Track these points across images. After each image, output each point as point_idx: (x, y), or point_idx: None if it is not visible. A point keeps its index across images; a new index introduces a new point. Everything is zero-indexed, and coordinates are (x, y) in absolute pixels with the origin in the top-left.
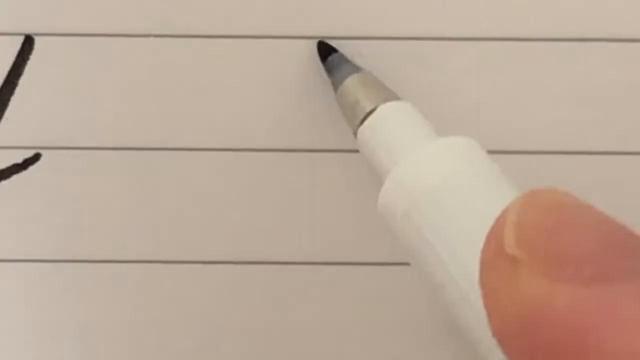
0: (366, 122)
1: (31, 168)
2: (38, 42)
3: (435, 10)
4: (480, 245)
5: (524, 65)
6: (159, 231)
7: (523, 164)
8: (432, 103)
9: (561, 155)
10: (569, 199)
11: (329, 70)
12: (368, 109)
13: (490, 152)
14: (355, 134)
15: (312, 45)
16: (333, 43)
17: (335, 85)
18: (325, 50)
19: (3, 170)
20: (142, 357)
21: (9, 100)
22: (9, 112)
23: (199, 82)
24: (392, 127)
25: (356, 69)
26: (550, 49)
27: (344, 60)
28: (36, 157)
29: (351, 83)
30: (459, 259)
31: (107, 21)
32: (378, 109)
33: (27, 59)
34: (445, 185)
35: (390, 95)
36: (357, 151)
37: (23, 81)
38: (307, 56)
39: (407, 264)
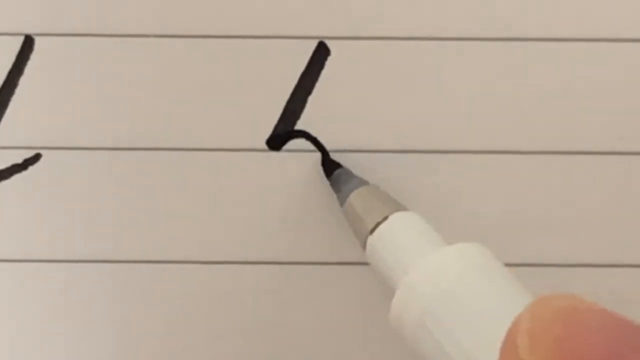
0: (375, 233)
1: (31, 168)
2: (38, 42)
3: (435, 11)
4: (494, 349)
5: (524, 65)
6: (159, 231)
7: (523, 164)
8: (432, 103)
9: (561, 155)
10: (579, 304)
11: (335, 185)
12: (376, 220)
13: (490, 152)
14: (364, 246)
15: (312, 46)
16: (333, 43)
17: (342, 199)
18: (330, 166)
19: (3, 170)
20: (142, 357)
21: (9, 100)
22: (9, 112)
23: (199, 82)
24: (401, 236)
25: (362, 182)
26: (550, 49)
27: (349, 174)
28: (36, 157)
29: (358, 196)
30: None
31: (107, 21)
32: (387, 220)
33: (27, 59)
34: (458, 291)
35: (397, 206)
36: (362, 151)
37: (23, 81)
38: (307, 56)
39: None
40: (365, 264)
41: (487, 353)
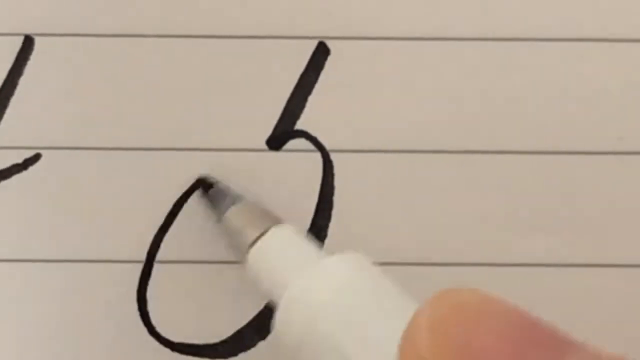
0: (256, 246)
1: (31, 168)
2: (38, 42)
3: (435, 10)
4: (382, 355)
5: (524, 65)
6: (159, 231)
7: (523, 164)
8: (432, 103)
9: (561, 155)
10: (480, 298)
11: (211, 203)
12: (257, 233)
13: (490, 152)
14: (242, 261)
15: (312, 46)
16: (333, 43)
17: (219, 216)
18: (205, 185)
19: (3, 170)
20: (142, 356)
21: (9, 100)
22: (9, 112)
23: (199, 82)
24: (281, 248)
25: (238, 197)
26: (550, 49)
27: (225, 191)
28: (36, 157)
29: (236, 211)
30: None
31: (107, 21)
32: (267, 232)
33: (27, 59)
34: (338, 299)
35: (274, 220)
36: (362, 151)
37: (23, 81)
38: (307, 56)
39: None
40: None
41: (374, 356)
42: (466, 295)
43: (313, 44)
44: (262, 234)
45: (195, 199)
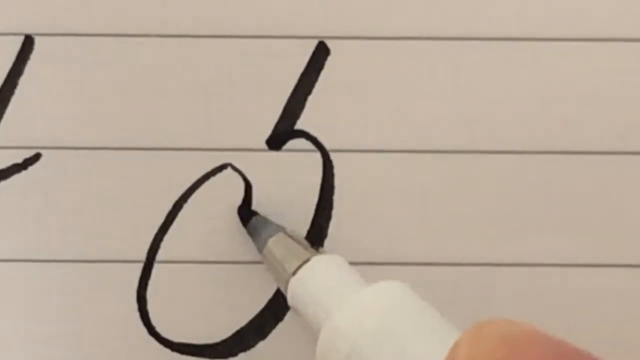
0: (296, 277)
1: (31, 168)
2: (38, 42)
3: (435, 10)
4: None
5: (524, 65)
6: (159, 231)
7: (523, 164)
8: (432, 103)
9: (561, 155)
10: (518, 328)
11: (252, 232)
12: (297, 264)
13: (490, 152)
14: (285, 290)
15: (312, 46)
16: (333, 43)
17: (261, 245)
18: (246, 214)
19: (3, 170)
20: (142, 357)
21: (9, 100)
22: (9, 112)
23: (199, 82)
24: (322, 279)
25: (278, 228)
26: (550, 49)
27: (266, 221)
28: (36, 157)
29: (278, 240)
30: None
31: (107, 21)
32: (307, 263)
33: (27, 59)
34: (382, 330)
35: (314, 250)
36: (362, 151)
37: (23, 81)
38: (307, 56)
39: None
40: (365, 264)
41: None
42: (505, 325)
43: (313, 44)
44: (302, 264)
45: (195, 199)
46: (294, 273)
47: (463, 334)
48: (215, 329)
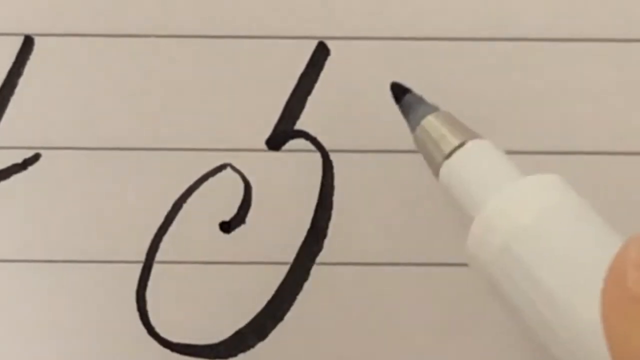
0: (451, 158)
1: (31, 168)
2: (38, 42)
3: (435, 11)
4: (586, 288)
5: (524, 65)
6: (158, 231)
7: (523, 164)
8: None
9: (561, 156)
10: None
11: (406, 109)
12: (453, 145)
13: None
14: (437, 169)
15: (312, 46)
16: (333, 43)
17: (414, 123)
18: (399, 91)
19: (3, 170)
20: (142, 357)
21: (9, 100)
22: (9, 112)
23: (199, 82)
24: (477, 164)
25: (434, 108)
26: (550, 49)
27: (421, 99)
28: (36, 157)
29: (434, 120)
30: (559, 305)
31: (107, 21)
32: (464, 146)
33: (27, 59)
34: (536, 225)
35: (473, 134)
36: (362, 151)
37: (23, 81)
38: (307, 56)
39: (418, 264)
40: (365, 264)
41: (567, 292)
42: None
43: (313, 44)
44: (459, 146)
45: (195, 199)
46: (448, 155)
47: (631, 238)
48: (215, 329)
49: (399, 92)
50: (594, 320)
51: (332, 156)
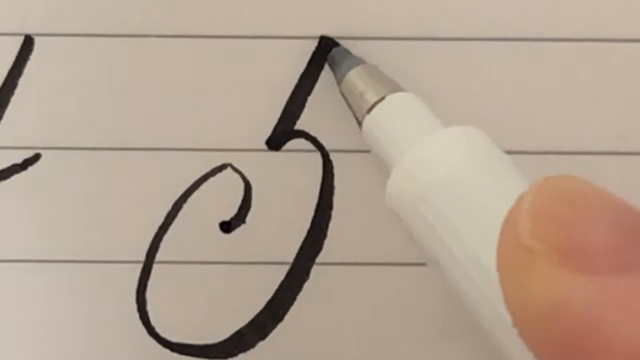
0: (372, 112)
1: (31, 168)
2: (38, 42)
3: (435, 11)
4: (494, 236)
5: (524, 65)
6: (158, 231)
7: (523, 164)
8: (431, 103)
9: (561, 156)
10: (583, 185)
11: (332, 64)
12: (374, 99)
13: None
14: (360, 124)
15: (312, 46)
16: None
17: (339, 78)
18: (327, 44)
19: (3, 170)
20: (142, 357)
21: (9, 100)
22: (9, 112)
23: (199, 82)
24: (398, 117)
25: (359, 61)
26: (550, 49)
27: (347, 53)
28: (36, 157)
29: (356, 74)
30: (470, 251)
31: (107, 21)
32: (385, 99)
33: (27, 59)
34: (454, 176)
35: (395, 87)
36: (362, 151)
37: (23, 81)
38: (307, 56)
39: (418, 264)
40: (365, 264)
41: (482, 240)
42: (570, 181)
43: (313, 44)
44: (381, 99)
45: (195, 199)
46: (370, 109)
47: (529, 187)
48: (215, 329)
49: (327, 45)
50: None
51: (332, 156)
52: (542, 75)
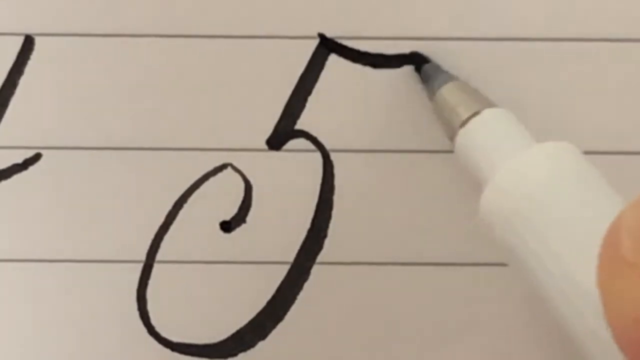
0: (466, 127)
1: (31, 168)
2: (38, 42)
3: (435, 11)
4: (589, 251)
5: (524, 65)
6: (159, 231)
7: None
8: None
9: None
10: None
11: (424, 78)
12: (467, 114)
13: None
14: (452, 138)
15: (312, 46)
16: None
17: (432, 92)
18: (419, 60)
19: (3, 170)
20: (142, 356)
21: (9, 100)
22: (9, 112)
23: (199, 82)
24: (492, 131)
25: (451, 77)
26: (550, 49)
27: (439, 68)
28: (36, 157)
29: (450, 89)
30: (565, 266)
31: (107, 21)
32: (479, 115)
33: (27, 59)
34: (548, 191)
35: (488, 102)
36: (362, 151)
37: (23, 81)
38: (307, 56)
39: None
40: (365, 264)
41: (575, 255)
42: None
43: (313, 44)
44: (474, 115)
45: (195, 199)
46: (464, 124)
47: (628, 204)
48: (215, 329)
49: (419, 61)
50: (593, 284)
51: (332, 156)
52: (543, 75)
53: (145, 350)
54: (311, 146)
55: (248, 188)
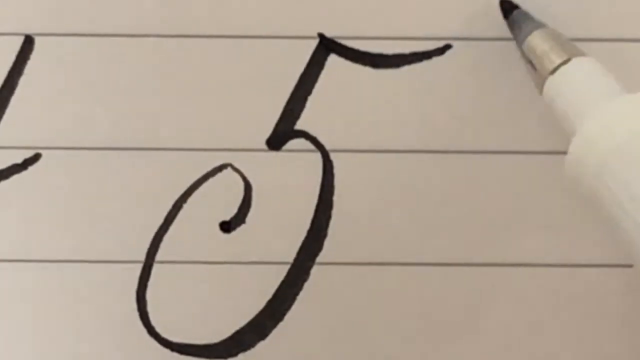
0: (557, 73)
1: (31, 168)
2: (38, 42)
3: (435, 11)
4: None
5: (522, 65)
6: (159, 231)
7: (523, 164)
8: (432, 103)
9: (561, 155)
10: None
11: (513, 25)
12: (559, 61)
13: (490, 152)
14: (540, 85)
15: (312, 46)
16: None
17: (521, 38)
18: (508, 6)
19: (3, 170)
20: (142, 357)
21: (9, 100)
22: (9, 112)
23: (200, 82)
24: (582, 80)
25: (541, 24)
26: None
27: (528, 15)
28: (36, 157)
29: (540, 36)
30: None
31: (107, 21)
32: (569, 62)
33: (27, 59)
34: (636, 141)
35: (578, 51)
36: (362, 151)
37: (23, 81)
38: (307, 56)
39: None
40: (365, 264)
41: None
42: None
43: (313, 44)
44: (564, 62)
45: (195, 199)
46: (553, 71)
47: None
48: (215, 329)
49: (508, 8)
50: None
51: (332, 156)
52: None
53: (145, 351)
54: (311, 146)
55: (248, 188)
